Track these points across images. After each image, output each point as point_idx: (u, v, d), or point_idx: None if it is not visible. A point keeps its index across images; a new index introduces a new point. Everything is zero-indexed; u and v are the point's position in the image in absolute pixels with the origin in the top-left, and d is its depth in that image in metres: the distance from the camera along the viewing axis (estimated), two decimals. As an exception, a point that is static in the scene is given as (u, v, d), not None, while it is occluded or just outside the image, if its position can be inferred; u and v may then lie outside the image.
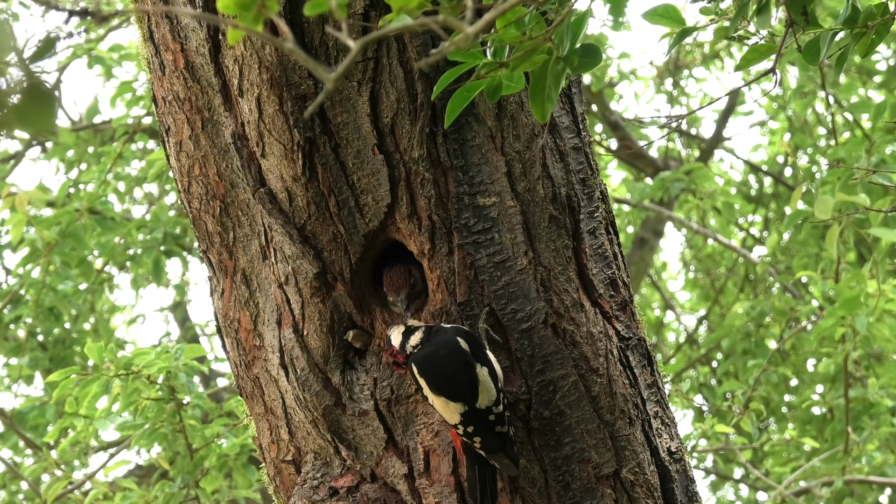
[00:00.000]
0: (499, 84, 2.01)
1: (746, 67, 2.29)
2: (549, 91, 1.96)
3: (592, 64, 1.96)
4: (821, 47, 2.17)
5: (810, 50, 2.19)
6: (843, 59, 2.21)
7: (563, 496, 2.53)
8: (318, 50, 2.44)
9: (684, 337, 8.65)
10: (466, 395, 2.41)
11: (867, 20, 2.14)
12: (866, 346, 5.17)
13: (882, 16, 2.12)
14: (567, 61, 1.94)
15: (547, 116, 1.99)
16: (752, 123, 8.20)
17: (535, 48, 1.91)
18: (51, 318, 5.75)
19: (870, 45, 2.16)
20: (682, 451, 2.70)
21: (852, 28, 2.15)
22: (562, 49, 1.93)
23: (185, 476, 4.33)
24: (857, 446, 5.54)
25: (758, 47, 2.23)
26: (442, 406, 2.43)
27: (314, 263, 2.54)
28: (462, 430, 2.43)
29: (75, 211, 5.29)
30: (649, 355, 2.67)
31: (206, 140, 2.61)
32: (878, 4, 2.14)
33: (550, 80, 1.96)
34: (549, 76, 1.96)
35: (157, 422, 4.16)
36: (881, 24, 2.13)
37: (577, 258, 2.59)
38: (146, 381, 3.98)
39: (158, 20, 2.60)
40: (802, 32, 2.14)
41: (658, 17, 2.23)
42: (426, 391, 2.44)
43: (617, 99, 8.04)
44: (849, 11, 2.16)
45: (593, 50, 1.96)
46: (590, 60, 1.96)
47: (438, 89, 2.13)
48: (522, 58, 1.93)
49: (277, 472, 2.75)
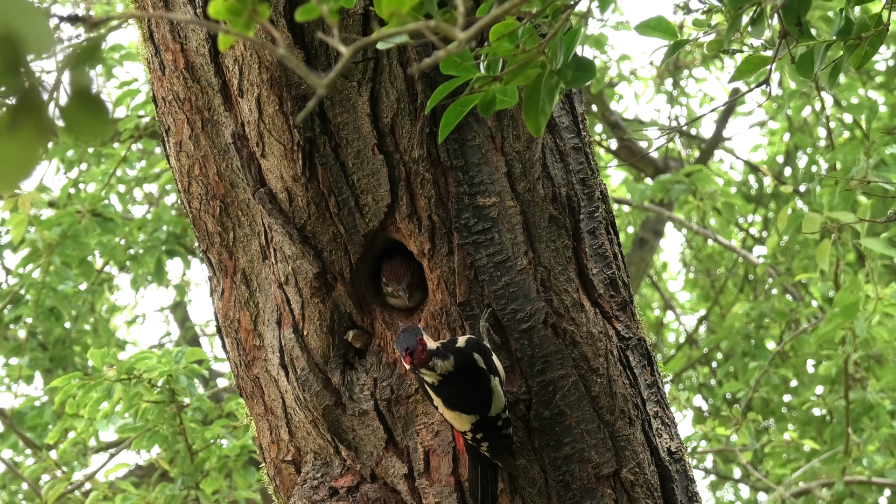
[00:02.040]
0: (492, 98, 2.01)
1: (740, 79, 2.29)
2: (542, 105, 1.97)
3: (586, 78, 1.96)
4: (815, 59, 2.17)
5: (804, 62, 2.19)
6: (837, 71, 2.21)
7: (563, 496, 2.53)
8: (318, 50, 2.45)
9: (684, 337, 8.65)
10: (479, 408, 2.42)
11: (861, 31, 2.14)
12: (866, 347, 5.17)
13: (875, 27, 2.12)
14: (561, 75, 1.94)
15: (541, 131, 1.99)
16: (752, 124, 8.20)
17: (529, 62, 1.91)
18: (51, 318, 5.74)
19: (864, 56, 2.16)
20: (682, 451, 2.70)
21: (846, 40, 2.15)
22: (555, 62, 1.93)
23: (186, 478, 4.33)
24: (857, 447, 5.55)
25: (751, 59, 2.23)
26: (454, 417, 2.44)
27: (314, 263, 2.54)
28: (471, 437, 2.44)
29: (76, 213, 5.29)
30: (649, 355, 2.68)
31: (206, 140, 2.61)
32: (872, 16, 2.14)
33: (544, 94, 1.97)
34: (542, 90, 1.96)
35: (157, 424, 4.16)
36: (875, 35, 2.13)
37: (577, 258, 2.59)
38: (147, 386, 3.98)
39: (158, 20, 2.60)
40: (796, 44, 2.14)
41: (650, 29, 2.23)
42: (440, 406, 2.44)
43: (617, 99, 8.04)
44: (842, 23, 2.16)
45: (587, 64, 1.96)
46: (583, 74, 1.96)
47: (432, 104, 2.14)
48: (516, 71, 1.93)
49: (277, 472, 2.75)
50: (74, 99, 1.14)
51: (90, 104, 1.14)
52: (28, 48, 1.09)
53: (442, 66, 1.91)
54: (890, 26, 2.13)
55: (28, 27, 1.08)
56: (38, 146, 1.12)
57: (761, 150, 8.38)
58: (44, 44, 1.09)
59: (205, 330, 8.51)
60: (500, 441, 2.44)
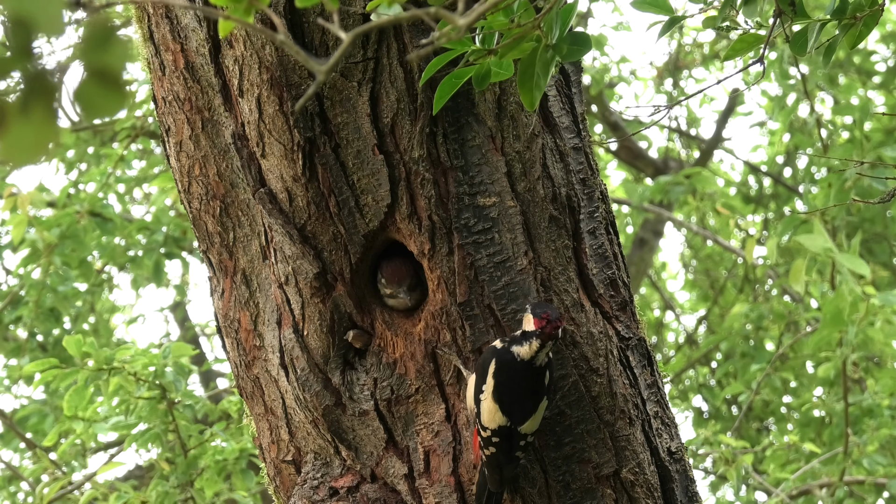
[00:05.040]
0: (487, 71, 2.00)
1: (734, 58, 2.28)
2: (537, 79, 1.96)
3: (581, 52, 1.95)
4: (808, 38, 2.16)
5: (798, 41, 2.18)
6: (832, 51, 2.21)
7: (563, 496, 2.53)
8: (319, 50, 2.45)
9: (684, 337, 8.65)
10: (518, 416, 2.40)
11: (855, 11, 2.13)
12: (864, 349, 5.18)
13: (871, 7, 2.12)
14: (556, 49, 1.93)
15: (536, 104, 1.98)
16: (752, 124, 8.21)
17: (524, 35, 1.90)
18: (51, 318, 5.75)
19: (858, 36, 2.15)
20: (682, 451, 2.70)
21: (840, 19, 2.14)
22: (551, 37, 1.93)
23: (180, 476, 4.33)
24: (857, 448, 5.55)
25: (745, 37, 2.22)
26: (488, 409, 2.40)
27: (314, 263, 2.54)
28: (486, 436, 2.41)
29: (76, 213, 5.29)
30: (649, 355, 2.68)
31: (206, 140, 2.61)
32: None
33: (539, 68, 1.96)
34: (537, 64, 1.96)
35: (149, 421, 4.16)
36: (869, 15, 2.12)
37: (577, 258, 2.59)
38: (131, 378, 3.97)
39: (158, 20, 2.60)
40: (791, 23, 2.14)
41: (647, 5, 2.22)
42: (484, 390, 2.39)
43: (617, 99, 8.04)
44: (837, 3, 2.15)
45: (582, 37, 1.96)
46: (579, 48, 1.96)
47: (426, 76, 2.13)
48: (511, 45, 1.92)
49: (277, 472, 2.75)
50: (90, 79, 1.14)
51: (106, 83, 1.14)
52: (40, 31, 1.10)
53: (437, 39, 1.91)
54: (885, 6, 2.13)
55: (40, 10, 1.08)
56: (51, 127, 1.13)
57: (761, 150, 8.38)
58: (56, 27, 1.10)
59: (205, 330, 8.51)
60: (507, 457, 2.42)
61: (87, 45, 1.12)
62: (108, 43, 1.13)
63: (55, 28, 1.10)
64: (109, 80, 1.13)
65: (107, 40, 1.13)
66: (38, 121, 1.12)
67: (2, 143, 1.12)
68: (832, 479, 5.59)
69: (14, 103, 1.11)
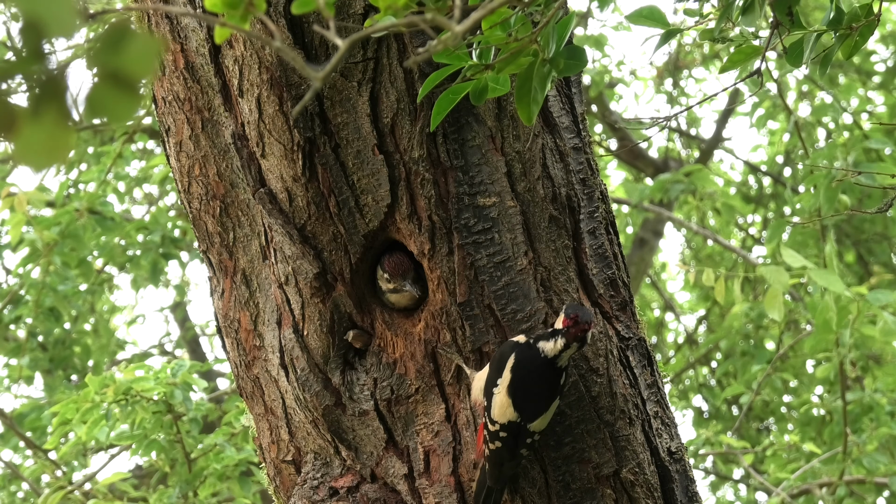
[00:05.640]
0: (484, 86, 2.01)
1: (732, 69, 2.29)
2: (535, 93, 1.96)
3: (578, 66, 1.96)
4: (804, 49, 2.17)
5: (795, 51, 2.19)
6: (828, 61, 2.21)
7: (563, 496, 2.53)
8: (318, 51, 2.45)
9: (684, 337, 8.65)
10: (529, 413, 2.40)
11: (851, 22, 2.14)
12: (863, 348, 5.18)
13: (866, 17, 2.12)
14: (553, 63, 1.94)
15: (533, 119, 1.98)
16: (752, 124, 8.20)
17: (521, 50, 1.91)
18: (51, 318, 5.74)
19: (854, 46, 2.16)
20: (682, 451, 2.70)
21: (836, 29, 2.15)
22: (547, 51, 1.93)
23: (184, 486, 4.34)
24: (856, 447, 5.55)
25: (743, 49, 2.23)
26: (500, 403, 2.40)
27: (314, 263, 2.54)
28: (494, 430, 2.41)
29: (75, 211, 5.29)
30: (649, 355, 2.68)
31: (206, 140, 2.61)
32: (863, 6, 2.15)
33: (536, 83, 1.96)
34: (534, 78, 1.96)
35: (153, 433, 4.18)
36: (865, 25, 2.13)
37: (577, 258, 2.59)
38: (144, 405, 4.01)
39: (158, 20, 2.60)
40: (788, 34, 2.14)
41: (642, 18, 2.23)
42: (499, 384, 2.39)
43: (617, 99, 8.04)
44: (833, 13, 2.16)
45: (578, 52, 1.96)
46: (575, 63, 1.96)
47: (424, 92, 2.13)
48: (508, 60, 1.93)
49: (277, 472, 2.75)
50: (102, 82, 1.14)
51: (119, 87, 1.14)
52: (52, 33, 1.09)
53: (434, 55, 1.91)
54: (881, 17, 2.13)
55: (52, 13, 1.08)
56: (65, 131, 1.13)
57: (761, 150, 8.38)
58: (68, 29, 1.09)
59: (205, 330, 8.51)
60: (511, 453, 2.42)
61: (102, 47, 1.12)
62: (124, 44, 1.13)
63: (67, 30, 1.10)
64: (124, 83, 1.13)
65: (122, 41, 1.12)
66: (51, 123, 1.12)
67: (14, 146, 1.12)
68: (832, 478, 5.59)
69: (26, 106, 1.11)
